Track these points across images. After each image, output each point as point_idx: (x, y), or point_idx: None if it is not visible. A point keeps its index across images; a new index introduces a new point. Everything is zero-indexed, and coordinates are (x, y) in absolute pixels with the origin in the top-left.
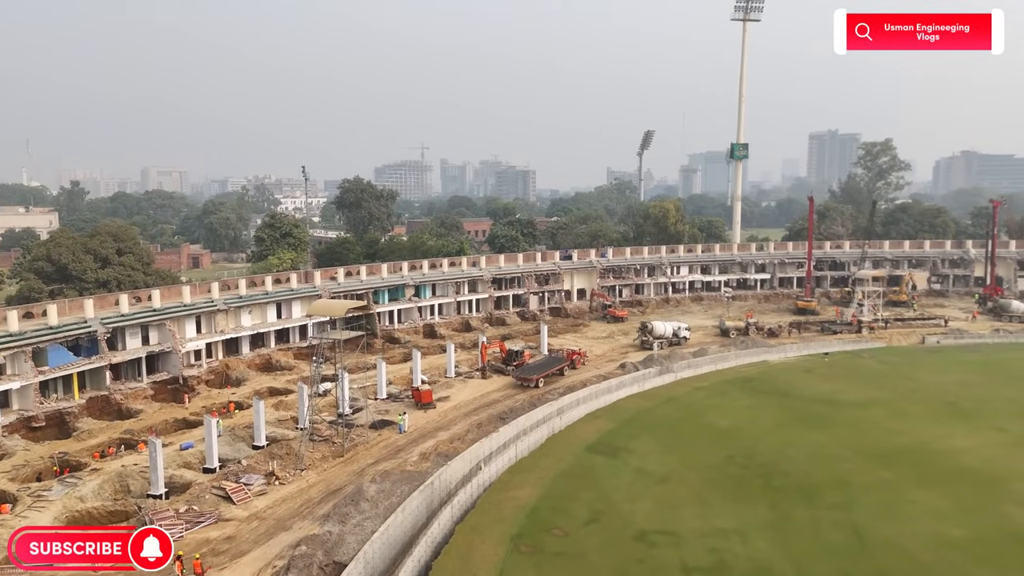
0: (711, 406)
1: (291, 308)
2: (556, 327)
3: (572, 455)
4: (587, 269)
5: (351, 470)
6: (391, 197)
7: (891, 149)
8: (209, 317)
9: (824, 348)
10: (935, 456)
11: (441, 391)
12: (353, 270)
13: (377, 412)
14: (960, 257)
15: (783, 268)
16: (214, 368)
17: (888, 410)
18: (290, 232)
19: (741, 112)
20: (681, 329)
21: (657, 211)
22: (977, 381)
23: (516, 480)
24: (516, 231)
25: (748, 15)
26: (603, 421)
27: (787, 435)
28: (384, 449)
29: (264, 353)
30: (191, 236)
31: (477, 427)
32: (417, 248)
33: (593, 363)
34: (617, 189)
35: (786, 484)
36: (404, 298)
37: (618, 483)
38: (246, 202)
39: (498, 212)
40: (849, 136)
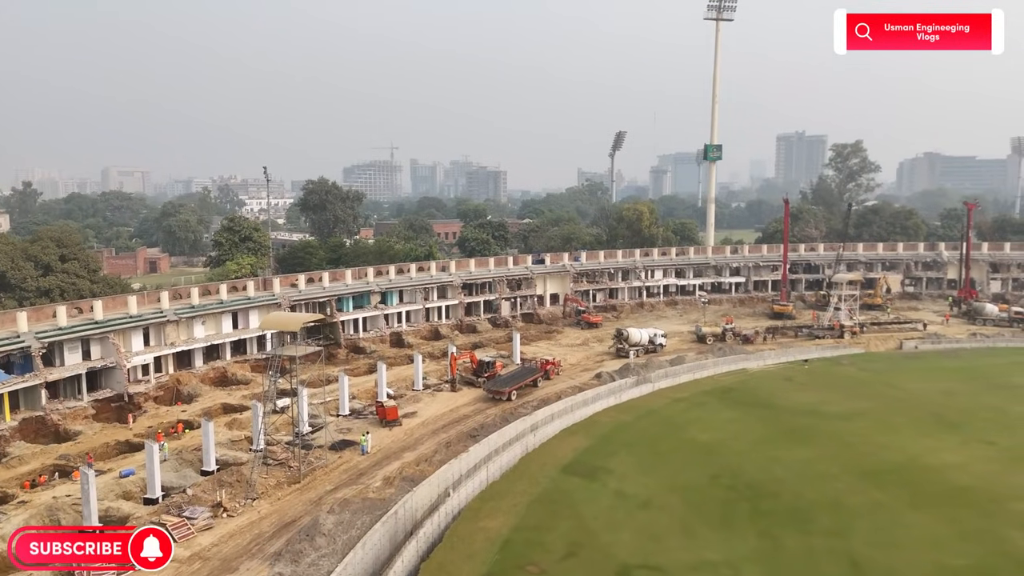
0: (691, 419)
1: (248, 317)
2: (529, 334)
3: (547, 477)
4: (560, 273)
5: (308, 498)
6: (357, 199)
7: (861, 151)
8: (158, 328)
9: (803, 355)
10: (926, 473)
11: (408, 406)
12: (315, 276)
13: (338, 431)
14: (933, 259)
15: (758, 271)
16: (163, 383)
17: (874, 422)
18: (250, 236)
19: (714, 112)
20: (657, 336)
21: (631, 214)
22: (960, 390)
23: (487, 508)
24: (487, 234)
25: (721, 14)
26: (579, 438)
27: (772, 451)
28: (345, 473)
29: (219, 366)
30: (149, 239)
31: (446, 446)
32: (384, 252)
33: (568, 373)
34: (588, 190)
35: (775, 507)
36: (369, 305)
37: (597, 509)
38: (208, 203)
39: (469, 214)
40: (816, 138)
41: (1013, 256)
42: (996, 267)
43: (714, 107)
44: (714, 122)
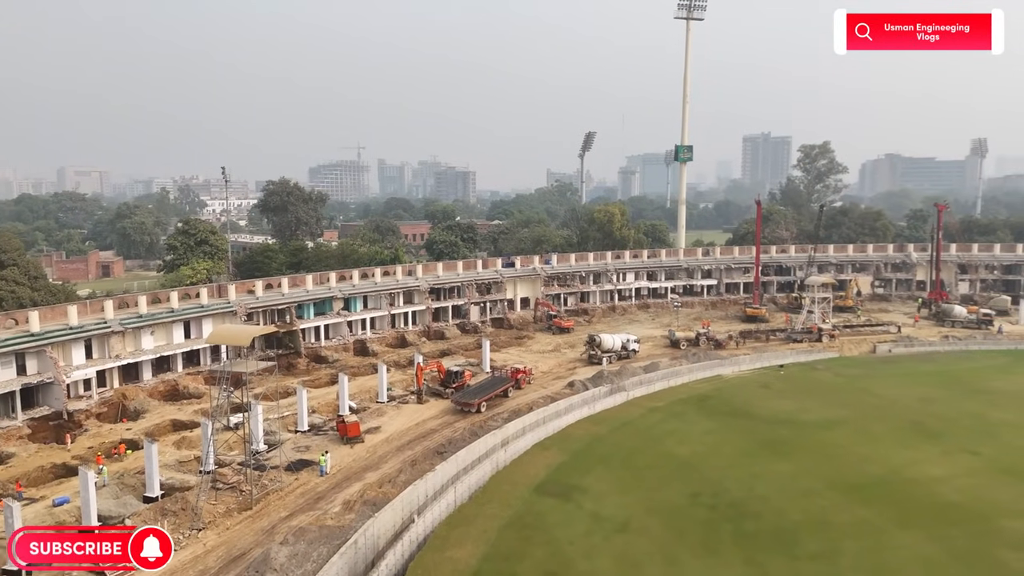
0: (668, 431)
1: (201, 327)
2: (499, 340)
3: (519, 499)
4: (531, 277)
5: (260, 527)
6: (321, 200)
7: (829, 152)
8: (102, 340)
9: (778, 359)
10: (911, 487)
11: (371, 420)
12: (274, 282)
13: (296, 449)
14: (902, 261)
15: (729, 273)
16: (108, 399)
17: (853, 431)
18: (206, 239)
19: (685, 112)
20: (630, 341)
21: (602, 216)
22: (937, 396)
23: (456, 535)
24: (456, 236)
25: (692, 13)
26: (553, 453)
27: (753, 465)
28: (301, 497)
29: (169, 379)
30: (103, 242)
31: (411, 465)
32: (347, 256)
33: (539, 381)
34: (558, 191)
35: (759, 528)
36: (332, 312)
37: (572, 533)
38: (166, 204)
39: (437, 215)
40: (781, 139)
41: (981, 257)
42: (964, 268)
43: (685, 107)
44: (685, 122)
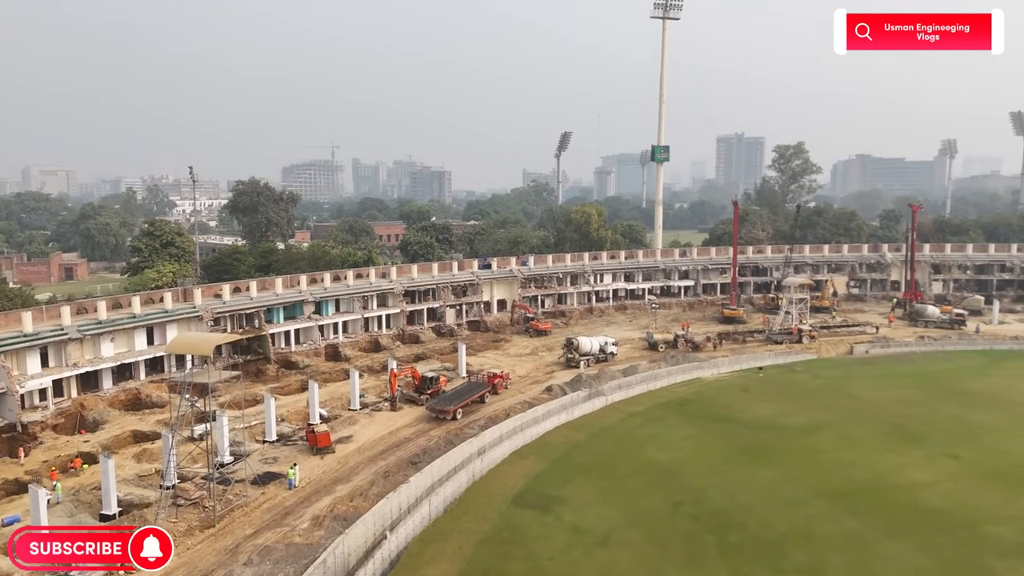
0: (648, 437)
1: (165, 332)
2: (475, 343)
3: (496, 511)
4: (508, 279)
5: (223, 546)
6: (292, 200)
7: (803, 152)
8: (58, 348)
9: (756, 361)
10: (896, 494)
11: (343, 428)
12: (242, 285)
13: (263, 460)
14: (877, 261)
15: (706, 274)
16: (65, 410)
17: (835, 435)
18: (172, 241)
19: (662, 112)
20: (608, 344)
21: (579, 216)
22: (917, 398)
23: (430, 552)
24: (431, 237)
25: (668, 12)
26: (531, 461)
27: (735, 472)
28: (268, 513)
29: (131, 388)
30: (67, 244)
31: (384, 476)
32: (319, 258)
33: (517, 386)
34: (534, 191)
35: (744, 540)
36: (303, 316)
37: (552, 547)
38: (133, 204)
39: (412, 215)
40: (755, 140)
41: (954, 257)
42: (938, 268)
43: (661, 107)
44: (661, 122)
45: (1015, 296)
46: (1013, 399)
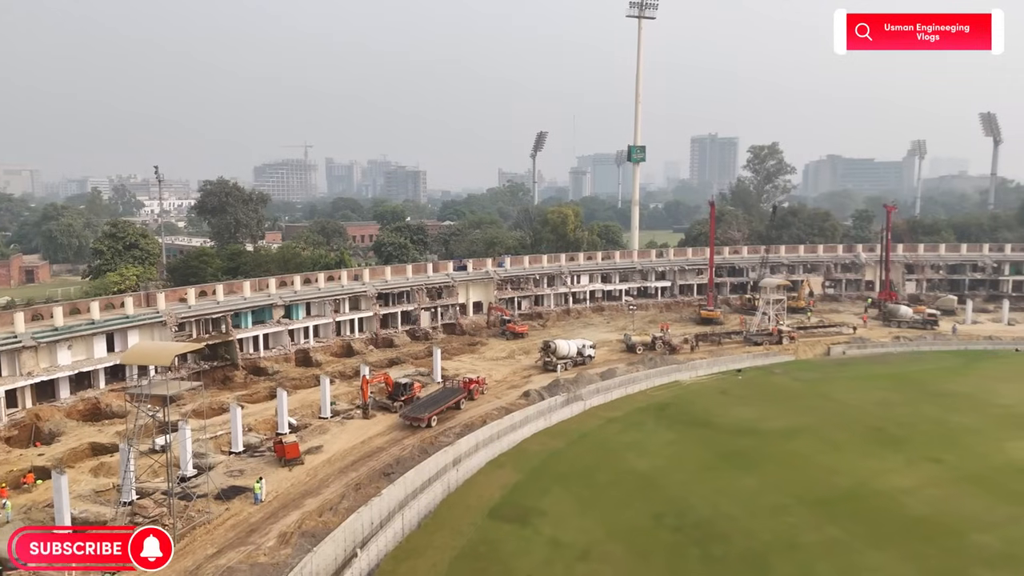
0: (628, 443)
1: (126, 339)
2: (451, 347)
3: (472, 525)
4: (484, 280)
5: (183, 567)
6: (262, 200)
7: (778, 152)
8: (11, 356)
9: (735, 364)
10: (879, 501)
11: (313, 438)
12: (208, 289)
13: (228, 473)
14: (852, 261)
15: (683, 275)
16: (18, 421)
17: (816, 440)
18: (136, 243)
19: (638, 112)
20: (586, 347)
21: (556, 217)
22: (896, 400)
23: (403, 569)
24: (405, 238)
25: (643, 12)
26: (508, 471)
27: (717, 480)
28: (232, 530)
29: (90, 397)
30: (28, 245)
31: (355, 489)
32: (289, 260)
33: (493, 391)
34: (510, 191)
35: (728, 552)
36: (272, 320)
37: (530, 563)
38: (99, 205)
39: (386, 215)
40: (728, 140)
41: (927, 257)
42: (911, 268)
43: (637, 107)
44: (637, 122)
45: (987, 296)
46: (990, 400)
